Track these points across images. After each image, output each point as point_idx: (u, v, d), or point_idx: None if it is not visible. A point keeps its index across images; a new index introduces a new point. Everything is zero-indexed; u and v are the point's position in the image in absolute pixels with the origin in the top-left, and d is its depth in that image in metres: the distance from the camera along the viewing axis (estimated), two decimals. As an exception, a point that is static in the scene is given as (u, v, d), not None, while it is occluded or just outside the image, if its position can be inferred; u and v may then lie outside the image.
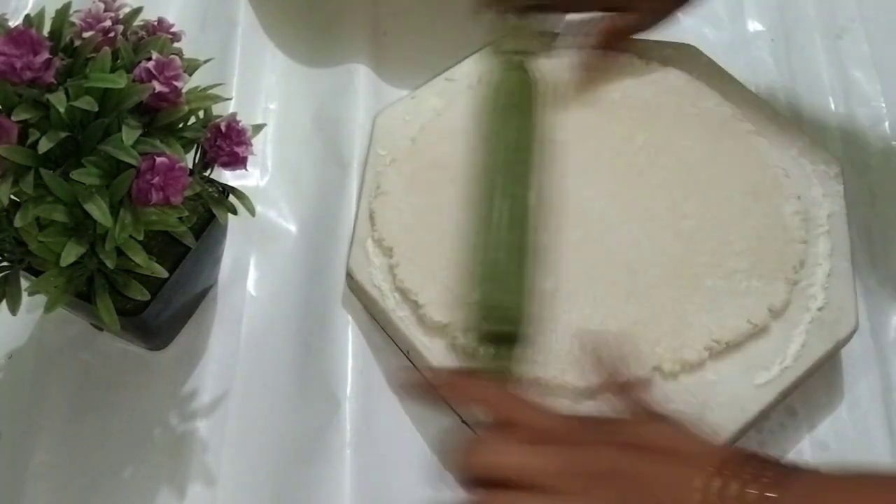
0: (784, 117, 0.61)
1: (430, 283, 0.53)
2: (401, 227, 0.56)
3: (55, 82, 0.41)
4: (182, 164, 0.42)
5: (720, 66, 0.63)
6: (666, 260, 0.54)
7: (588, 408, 0.49)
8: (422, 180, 0.58)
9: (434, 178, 0.57)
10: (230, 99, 0.51)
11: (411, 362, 0.54)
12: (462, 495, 0.39)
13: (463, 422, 0.51)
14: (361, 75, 0.65)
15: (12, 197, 0.41)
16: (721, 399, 0.50)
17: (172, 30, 0.47)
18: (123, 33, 0.45)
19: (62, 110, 0.40)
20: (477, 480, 0.38)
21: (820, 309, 0.53)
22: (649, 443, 0.38)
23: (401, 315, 0.53)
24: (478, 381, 0.45)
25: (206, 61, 0.48)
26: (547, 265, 0.51)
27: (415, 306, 0.53)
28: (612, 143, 0.58)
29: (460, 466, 0.39)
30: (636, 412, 0.42)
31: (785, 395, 0.51)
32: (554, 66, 0.60)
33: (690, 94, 0.60)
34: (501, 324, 0.48)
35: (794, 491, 0.34)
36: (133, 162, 0.41)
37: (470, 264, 0.51)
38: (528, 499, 0.37)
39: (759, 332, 0.51)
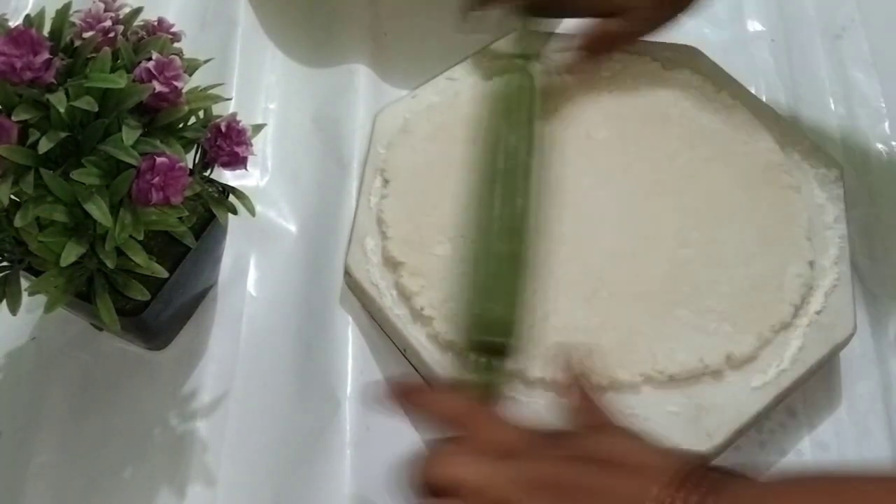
0: (784, 119, 0.61)
1: (406, 222, 0.55)
2: (407, 165, 0.58)
3: (55, 82, 0.41)
4: (182, 164, 0.42)
5: (721, 68, 0.63)
6: (647, 279, 0.53)
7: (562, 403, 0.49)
8: (447, 132, 0.59)
9: (459, 135, 0.59)
10: (230, 99, 0.51)
11: (408, 360, 0.54)
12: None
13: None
14: (361, 75, 0.66)
15: (12, 197, 0.41)
16: (717, 402, 0.50)
17: (172, 30, 0.47)
18: (123, 33, 0.45)
19: (62, 110, 0.40)
20: (430, 491, 0.38)
21: (818, 312, 0.53)
22: (605, 455, 0.37)
23: (398, 313, 0.53)
24: (438, 394, 0.45)
25: (206, 61, 0.48)
26: (539, 273, 0.51)
27: (382, 237, 0.55)
28: (653, 157, 0.58)
29: (415, 478, 0.39)
30: (594, 424, 0.42)
31: (781, 399, 0.51)
32: (550, 71, 0.60)
33: (745, 130, 0.59)
34: (493, 335, 0.49)
35: (727, 499, 0.34)
36: (133, 162, 0.41)
37: (467, 273, 0.51)
38: None
39: (710, 373, 0.50)
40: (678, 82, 0.61)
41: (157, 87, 0.43)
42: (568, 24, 0.63)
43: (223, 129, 0.46)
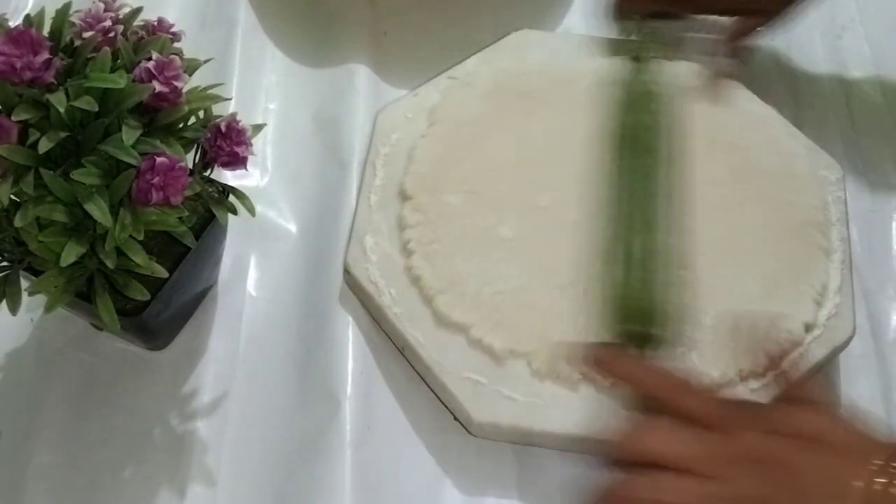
0: (785, 120, 0.61)
1: (431, 164, 0.57)
2: (456, 115, 0.60)
3: (55, 82, 0.41)
4: (182, 164, 0.42)
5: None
6: None
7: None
8: (506, 97, 0.61)
9: (516, 103, 0.60)
10: (230, 99, 0.52)
11: (406, 359, 0.54)
12: (613, 474, 0.39)
13: (443, 404, 0.52)
14: (361, 75, 0.65)
15: (12, 197, 0.41)
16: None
17: (172, 30, 0.47)
18: (123, 33, 0.45)
19: (62, 110, 0.40)
20: (629, 461, 0.38)
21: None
22: (804, 432, 0.37)
23: (396, 311, 0.53)
24: (635, 360, 0.45)
25: (206, 61, 0.48)
26: (677, 264, 0.51)
27: (405, 172, 0.57)
28: (698, 177, 0.56)
29: (615, 451, 0.39)
30: (794, 398, 0.41)
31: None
32: (679, 73, 0.60)
33: (799, 182, 0.58)
34: (642, 324, 0.49)
35: None
36: (133, 162, 0.41)
37: (609, 264, 0.51)
38: (677, 481, 0.37)
39: None
40: (756, 115, 0.60)
41: (157, 86, 0.43)
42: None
43: (223, 129, 0.46)
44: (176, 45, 0.47)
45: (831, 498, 0.34)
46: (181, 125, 0.46)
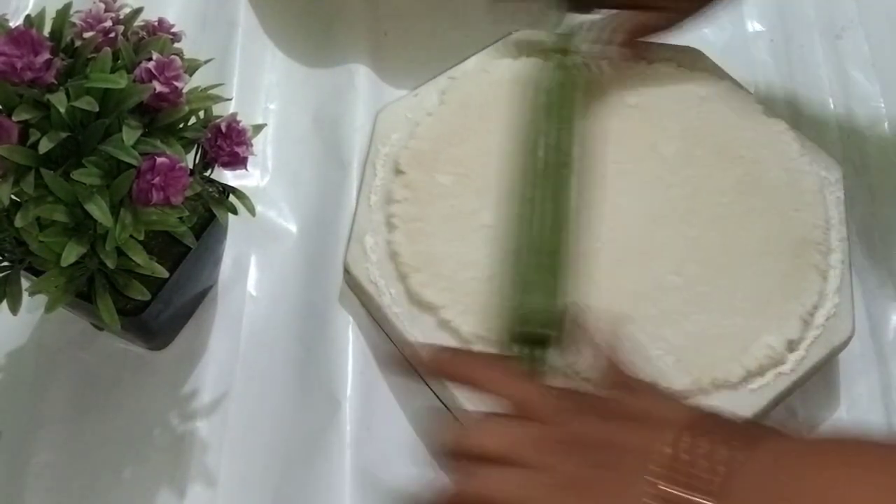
0: (784, 121, 0.61)
1: (431, 141, 0.58)
2: (465, 97, 0.60)
3: (56, 82, 0.41)
4: (182, 165, 0.42)
5: (724, 70, 0.62)
6: (621, 290, 0.52)
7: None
8: (507, 90, 0.60)
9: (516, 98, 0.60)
10: (230, 99, 0.52)
11: (405, 358, 0.54)
12: (446, 476, 0.39)
13: (442, 403, 0.52)
14: (361, 75, 0.66)
15: (13, 197, 0.41)
16: (713, 403, 0.49)
17: (173, 30, 0.47)
18: (124, 34, 0.45)
19: (63, 110, 0.40)
20: (459, 460, 0.39)
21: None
22: (623, 412, 0.38)
23: (396, 311, 0.53)
24: (469, 359, 0.45)
25: (206, 61, 0.48)
26: (582, 270, 0.51)
27: (403, 147, 0.58)
28: (701, 186, 0.57)
29: (442, 448, 0.39)
30: (621, 383, 0.42)
31: (779, 401, 0.51)
32: (581, 66, 0.60)
33: (804, 199, 0.57)
34: (536, 327, 0.49)
35: (761, 456, 0.34)
36: (134, 162, 0.41)
37: (508, 266, 0.52)
38: (500, 473, 0.37)
39: None
40: (769, 129, 0.60)
41: (158, 87, 0.43)
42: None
43: (223, 129, 0.46)
44: (176, 45, 0.47)
45: (643, 464, 0.35)
46: (181, 125, 0.46)
